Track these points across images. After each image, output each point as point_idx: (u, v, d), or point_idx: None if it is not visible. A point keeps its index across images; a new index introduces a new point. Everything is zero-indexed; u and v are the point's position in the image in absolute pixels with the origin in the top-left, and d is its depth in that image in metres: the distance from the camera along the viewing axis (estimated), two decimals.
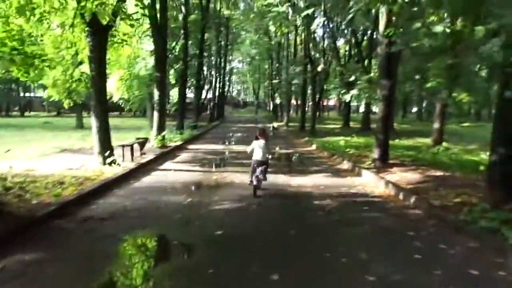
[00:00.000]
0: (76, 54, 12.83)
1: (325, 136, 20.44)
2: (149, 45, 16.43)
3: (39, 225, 5.26)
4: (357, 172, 10.10)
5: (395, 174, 9.44)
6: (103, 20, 8.58)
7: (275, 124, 31.28)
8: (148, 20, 14.74)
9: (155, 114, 15.51)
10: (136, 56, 18.37)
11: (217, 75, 43.74)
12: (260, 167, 7.56)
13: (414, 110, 59.30)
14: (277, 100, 41.72)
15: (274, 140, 19.80)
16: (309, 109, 32.64)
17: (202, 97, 49.82)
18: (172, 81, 27.60)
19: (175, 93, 28.69)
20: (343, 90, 18.39)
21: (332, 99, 68.01)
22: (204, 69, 48.38)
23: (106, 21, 8.80)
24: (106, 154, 9.92)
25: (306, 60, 22.84)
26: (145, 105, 24.69)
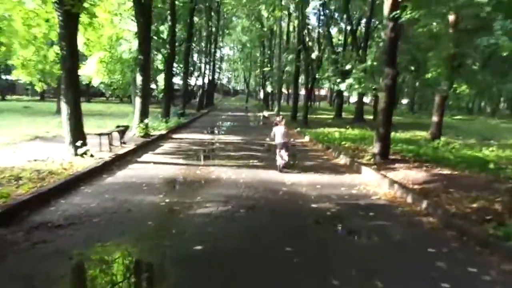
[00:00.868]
0: (49, 33, 11.60)
1: (318, 127, 19.54)
2: (134, 26, 15.17)
3: None
4: (356, 169, 9.22)
5: (398, 172, 8.58)
6: None
7: (266, 113, 30.30)
8: None
9: (137, 100, 14.40)
10: (119, 38, 17.11)
11: (207, 62, 42.36)
12: (283, 149, 8.91)
13: (405, 102, 58.82)
14: (268, 89, 40.67)
15: (265, 130, 18.84)
16: (300, 99, 31.71)
17: (192, 84, 48.62)
18: (161, 66, 26.32)
19: (163, 79, 27.41)
20: (338, 79, 17.45)
21: (323, 89, 67.24)
22: (195, 56, 47.03)
23: None
24: (78, 144, 8.86)
25: (300, 47, 21.80)
26: (130, 91, 23.43)
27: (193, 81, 49.02)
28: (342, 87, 16.99)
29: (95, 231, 4.60)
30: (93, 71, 15.15)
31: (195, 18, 31.22)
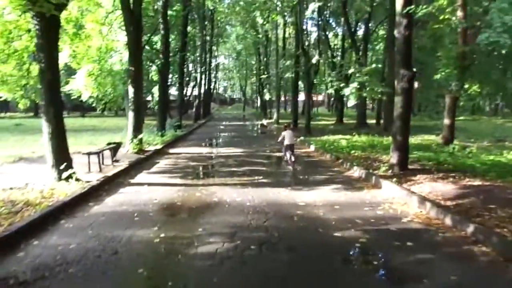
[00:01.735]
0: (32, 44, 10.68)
1: (322, 135, 18.61)
2: (124, 36, 14.26)
3: None
4: (375, 183, 8.25)
5: (423, 185, 7.62)
6: None
7: (265, 122, 29.37)
8: (120, 5, 12.62)
9: (130, 114, 13.44)
10: (110, 49, 16.19)
11: (203, 71, 41.52)
12: (290, 149, 10.97)
13: None
14: (266, 96, 39.81)
15: (265, 140, 17.93)
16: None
17: (188, 94, 47.74)
18: (155, 78, 25.43)
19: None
20: (342, 84, 16.56)
21: (321, 94, 66.46)
22: (190, 66, 46.20)
23: None
24: (62, 167, 7.88)
25: (299, 52, 20.95)
26: (125, 104, 22.50)
27: (189, 91, 48.23)
28: (346, 92, 16.14)
29: None
30: (82, 85, 14.22)
31: (189, 28, 30.42)
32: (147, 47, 19.33)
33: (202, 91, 42.26)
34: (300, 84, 26.95)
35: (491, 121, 32.95)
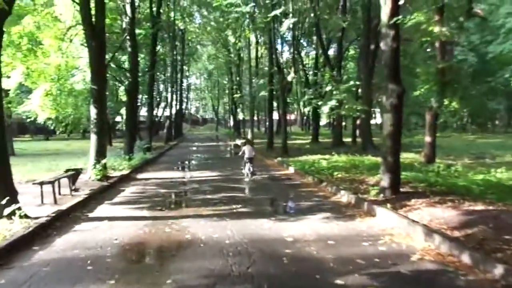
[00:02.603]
0: None
1: (299, 155, 17.84)
2: (86, 53, 13.12)
3: None
4: (367, 209, 7.41)
5: (421, 211, 6.85)
6: None
7: (239, 142, 28.44)
8: (79, 18, 11.55)
9: (93, 137, 12.18)
10: (71, 67, 14.95)
11: (174, 91, 40.43)
12: (250, 162, 12.25)
13: (376, 122, 58.63)
14: (240, 116, 39.09)
15: (240, 162, 16.92)
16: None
17: (159, 115, 46.34)
18: (124, 98, 24.12)
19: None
20: (319, 102, 15.95)
21: (293, 113, 66.45)
22: (160, 86, 45.00)
23: None
24: (4, 202, 6.61)
25: (273, 70, 20.34)
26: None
27: (160, 112, 46.87)
28: (325, 110, 15.49)
29: None
30: (38, 106, 12.88)
31: (159, 47, 29.47)
32: (113, 66, 18.21)
33: (174, 112, 41.12)
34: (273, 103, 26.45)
35: (462, 138, 33.35)
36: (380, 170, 8.46)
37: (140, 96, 30.00)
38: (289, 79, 18.28)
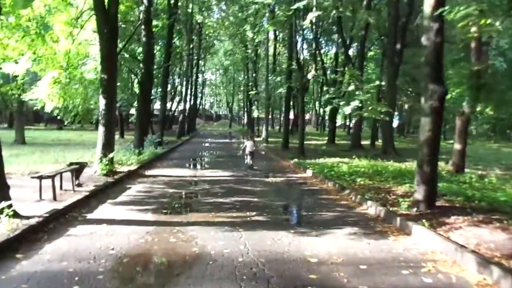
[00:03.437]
0: None
1: (316, 157, 16.93)
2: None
3: None
4: (400, 226, 6.49)
5: (464, 231, 5.90)
6: None
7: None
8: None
9: (100, 129, 11.51)
10: (81, 55, 14.31)
11: (189, 86, 39.80)
12: (250, 155, 14.23)
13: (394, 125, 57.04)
14: (254, 113, 38.27)
15: (259, 162, 16.09)
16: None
17: (172, 109, 45.84)
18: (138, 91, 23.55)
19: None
20: (342, 101, 15.00)
21: (308, 113, 65.33)
22: (176, 80, 44.44)
23: None
24: None
25: (292, 67, 19.40)
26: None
27: (174, 106, 46.37)
28: (347, 111, 14.53)
29: None
30: (45, 94, 12.25)
31: (175, 40, 28.82)
32: (126, 55, 17.56)
33: (188, 106, 40.54)
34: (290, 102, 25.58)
35: (486, 146, 31.92)
36: (415, 181, 7.50)
37: (155, 89, 29.45)
38: (309, 77, 17.33)
